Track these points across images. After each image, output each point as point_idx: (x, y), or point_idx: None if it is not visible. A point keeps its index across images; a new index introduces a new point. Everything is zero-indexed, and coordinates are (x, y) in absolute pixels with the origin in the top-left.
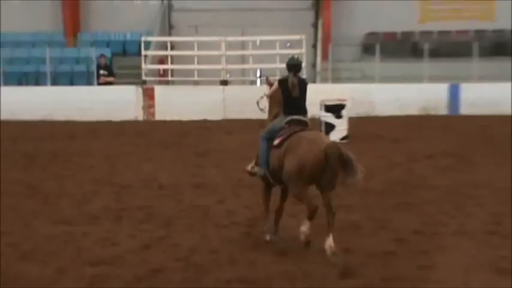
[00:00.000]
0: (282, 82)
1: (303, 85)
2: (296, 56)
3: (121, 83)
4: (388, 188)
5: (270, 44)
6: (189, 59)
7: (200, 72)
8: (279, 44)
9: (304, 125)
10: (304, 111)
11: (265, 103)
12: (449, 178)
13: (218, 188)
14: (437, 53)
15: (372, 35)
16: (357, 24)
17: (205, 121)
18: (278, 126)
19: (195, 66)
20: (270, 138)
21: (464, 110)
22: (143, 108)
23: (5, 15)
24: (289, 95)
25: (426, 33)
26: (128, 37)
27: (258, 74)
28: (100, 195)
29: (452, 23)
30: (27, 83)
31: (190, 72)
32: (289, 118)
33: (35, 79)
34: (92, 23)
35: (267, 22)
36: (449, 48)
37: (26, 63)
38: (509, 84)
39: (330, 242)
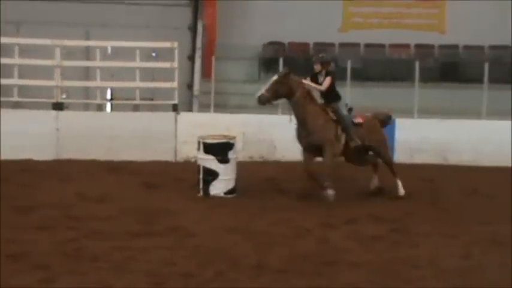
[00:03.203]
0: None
1: None
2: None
3: None
4: (292, 266)
5: (127, 53)
6: (6, 71)
7: (23, 91)
8: (139, 54)
9: None
10: None
11: None
12: (377, 253)
13: (44, 260)
14: (364, 74)
15: (273, 45)
16: (252, 29)
17: (28, 162)
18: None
19: (15, 80)
20: None
21: (402, 155)
22: None
23: None
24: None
25: (350, 46)
26: None
27: (109, 95)
28: None
29: (387, 32)
30: None
31: (7, 90)
32: None
33: None
34: None
35: (124, 21)
36: (381, 68)
37: None
38: (465, 121)
39: None
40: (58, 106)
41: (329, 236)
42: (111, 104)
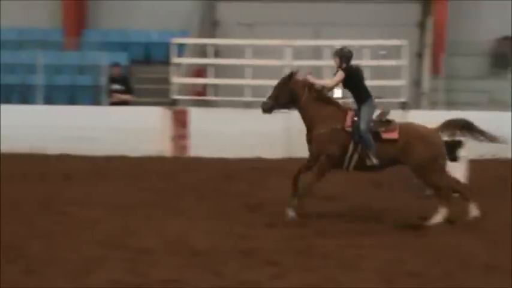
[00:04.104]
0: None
1: None
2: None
3: (141, 103)
4: None
5: (356, 52)
6: (239, 71)
7: (255, 90)
8: (369, 52)
9: None
10: None
11: None
12: None
13: (275, 257)
14: None
15: (506, 41)
16: (484, 24)
17: (259, 160)
18: None
19: (248, 81)
20: None
21: None
22: (172, 139)
23: None
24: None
25: None
26: (153, 38)
27: (339, 93)
28: (107, 264)
29: None
30: (8, 100)
31: (240, 90)
32: None
33: (21, 94)
34: (102, 17)
35: (352, 20)
36: None
37: (9, 72)
38: None
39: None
40: None
41: None
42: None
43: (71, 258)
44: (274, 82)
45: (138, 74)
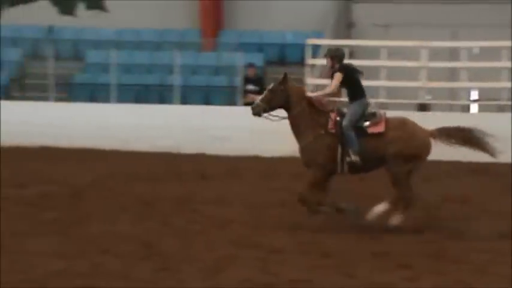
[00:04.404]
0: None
1: None
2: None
3: None
4: None
5: (493, 54)
6: (374, 73)
7: (390, 92)
8: (507, 54)
9: None
10: None
11: None
12: None
13: (407, 260)
14: None
15: None
16: None
17: None
18: None
19: (383, 82)
20: None
21: None
22: None
23: (123, 8)
24: None
25: None
26: (288, 39)
27: (474, 96)
28: (239, 263)
29: None
30: (147, 100)
31: (375, 91)
32: None
33: (159, 94)
34: (238, 18)
35: (490, 21)
36: None
37: (148, 72)
38: None
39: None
40: (423, 107)
41: None
42: (478, 105)
43: (204, 256)
44: (410, 84)
45: (272, 75)
